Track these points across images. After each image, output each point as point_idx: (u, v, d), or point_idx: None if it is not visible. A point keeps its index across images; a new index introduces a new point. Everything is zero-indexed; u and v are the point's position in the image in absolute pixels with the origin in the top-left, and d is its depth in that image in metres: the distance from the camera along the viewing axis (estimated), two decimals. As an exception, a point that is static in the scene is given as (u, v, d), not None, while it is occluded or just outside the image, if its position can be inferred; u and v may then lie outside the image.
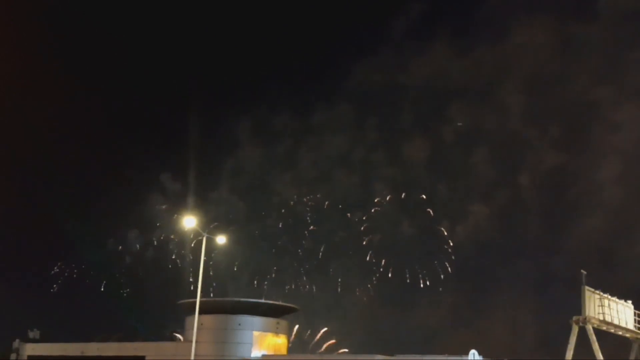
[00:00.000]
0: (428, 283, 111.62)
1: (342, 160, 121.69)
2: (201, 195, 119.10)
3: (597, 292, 72.91)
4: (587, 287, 71.72)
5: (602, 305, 72.92)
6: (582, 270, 72.43)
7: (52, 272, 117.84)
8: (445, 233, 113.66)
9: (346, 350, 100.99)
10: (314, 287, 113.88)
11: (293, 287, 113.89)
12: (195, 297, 71.46)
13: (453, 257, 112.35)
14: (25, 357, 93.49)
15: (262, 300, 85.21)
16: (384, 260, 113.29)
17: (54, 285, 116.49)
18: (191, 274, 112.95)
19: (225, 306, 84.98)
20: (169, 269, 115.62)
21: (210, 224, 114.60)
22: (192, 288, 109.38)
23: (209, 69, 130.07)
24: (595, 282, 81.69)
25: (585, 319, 70.42)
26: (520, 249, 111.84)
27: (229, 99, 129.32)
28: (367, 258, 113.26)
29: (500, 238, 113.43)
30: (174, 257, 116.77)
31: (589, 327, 70.67)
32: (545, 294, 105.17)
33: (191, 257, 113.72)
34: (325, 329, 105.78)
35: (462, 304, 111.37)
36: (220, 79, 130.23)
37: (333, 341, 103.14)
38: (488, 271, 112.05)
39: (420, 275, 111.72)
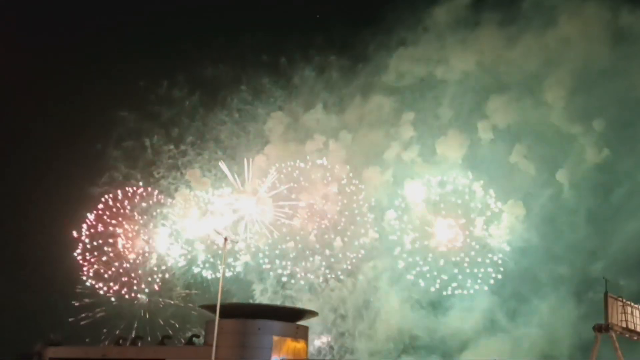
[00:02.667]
0: (462, 287, 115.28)
1: (376, 157, 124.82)
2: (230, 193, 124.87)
3: (620, 299, 76.74)
4: (609, 294, 75.85)
5: (624, 313, 76.86)
6: (604, 277, 76.58)
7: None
8: (482, 235, 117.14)
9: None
10: (344, 290, 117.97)
11: (321, 289, 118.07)
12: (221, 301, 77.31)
13: (489, 260, 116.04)
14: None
15: (282, 305, 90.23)
16: (416, 263, 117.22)
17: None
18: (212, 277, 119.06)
19: (245, 310, 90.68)
20: (194, 271, 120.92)
21: (239, 223, 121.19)
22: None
23: (239, 62, 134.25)
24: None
25: (607, 326, 74.48)
26: (559, 253, 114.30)
27: (261, 95, 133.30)
28: (399, 260, 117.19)
29: (539, 241, 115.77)
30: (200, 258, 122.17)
31: (612, 335, 74.73)
32: (584, 300, 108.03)
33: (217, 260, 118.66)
34: None
35: (497, 309, 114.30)
36: (250, 73, 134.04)
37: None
38: (525, 275, 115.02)
39: (453, 279, 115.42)
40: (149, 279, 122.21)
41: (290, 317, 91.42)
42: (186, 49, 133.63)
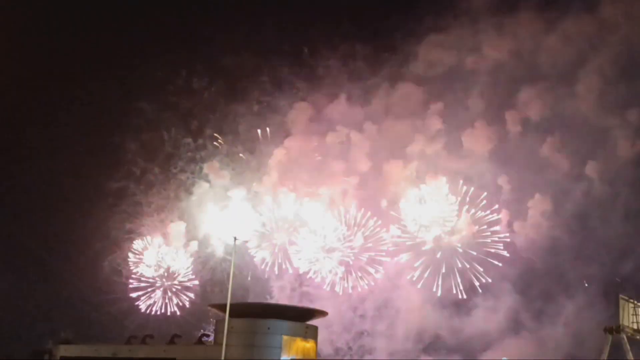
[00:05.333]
0: (487, 285, 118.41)
1: (400, 150, 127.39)
2: (248, 187, 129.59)
3: (632, 300, 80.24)
4: (621, 296, 79.41)
5: (636, 314, 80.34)
6: (616, 279, 80.00)
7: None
8: (508, 232, 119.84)
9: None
10: (364, 288, 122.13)
11: (340, 287, 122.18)
12: (234, 300, 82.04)
13: (515, 258, 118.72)
14: (58, 358, 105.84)
15: (291, 305, 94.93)
16: (439, 260, 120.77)
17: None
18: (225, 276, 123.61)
19: (255, 310, 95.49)
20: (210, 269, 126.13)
21: (257, 218, 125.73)
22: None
23: (261, 51, 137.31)
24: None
25: (619, 327, 78.04)
26: (589, 251, 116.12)
27: (282, 86, 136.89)
28: (421, 257, 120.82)
29: (568, 238, 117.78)
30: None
31: (623, 336, 78.31)
32: (613, 300, 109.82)
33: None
34: None
35: (523, 308, 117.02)
36: (271, 63, 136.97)
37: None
38: (553, 274, 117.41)
39: (478, 277, 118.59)
40: (165, 274, 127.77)
41: (300, 316, 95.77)
42: (205, 37, 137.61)
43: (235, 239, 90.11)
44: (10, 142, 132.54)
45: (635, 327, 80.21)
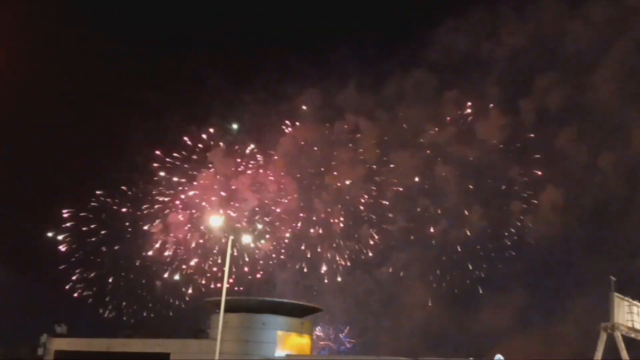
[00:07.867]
0: (496, 281, 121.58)
1: (410, 139, 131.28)
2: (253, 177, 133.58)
3: (626, 298, 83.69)
4: (616, 294, 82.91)
5: (631, 312, 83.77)
6: (611, 277, 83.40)
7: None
8: (519, 225, 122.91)
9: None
10: (369, 282, 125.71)
11: (345, 281, 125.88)
12: (229, 295, 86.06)
13: (526, 253, 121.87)
14: (52, 352, 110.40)
15: (286, 300, 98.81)
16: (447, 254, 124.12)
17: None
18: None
19: (250, 305, 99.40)
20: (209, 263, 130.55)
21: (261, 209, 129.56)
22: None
23: (268, 36, 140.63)
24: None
25: (613, 325, 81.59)
26: (602, 247, 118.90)
27: (293, 70, 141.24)
28: (430, 251, 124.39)
29: (581, 232, 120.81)
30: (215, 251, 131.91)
31: (618, 334, 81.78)
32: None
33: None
34: None
35: (532, 306, 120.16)
36: (283, 47, 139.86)
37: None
38: (565, 270, 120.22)
39: (487, 272, 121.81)
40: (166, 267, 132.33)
41: (296, 312, 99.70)
42: (211, 22, 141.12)
43: (232, 235, 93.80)
44: (11, 135, 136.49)
45: (630, 325, 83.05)
